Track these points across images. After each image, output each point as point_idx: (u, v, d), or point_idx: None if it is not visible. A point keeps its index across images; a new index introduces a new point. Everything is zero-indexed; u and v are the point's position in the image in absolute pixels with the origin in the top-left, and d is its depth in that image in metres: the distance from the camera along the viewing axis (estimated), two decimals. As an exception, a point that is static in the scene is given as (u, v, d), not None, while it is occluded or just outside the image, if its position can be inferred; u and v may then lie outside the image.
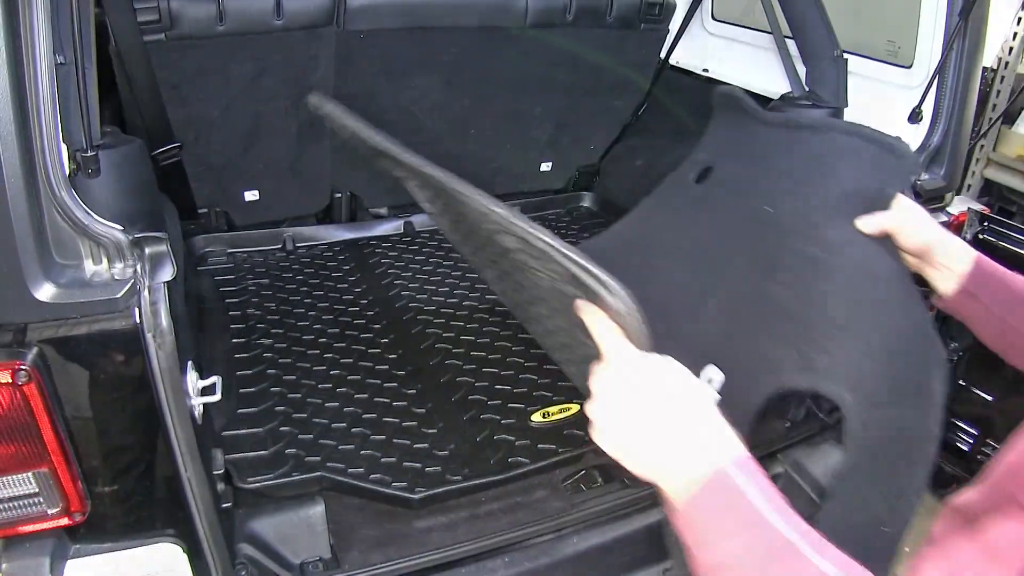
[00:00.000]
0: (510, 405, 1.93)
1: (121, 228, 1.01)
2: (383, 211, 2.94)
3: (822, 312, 1.35)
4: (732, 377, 1.42)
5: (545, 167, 3.06)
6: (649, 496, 1.81)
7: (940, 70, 1.98)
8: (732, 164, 1.75)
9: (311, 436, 1.76)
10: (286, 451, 1.71)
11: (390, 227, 2.90)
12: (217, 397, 1.29)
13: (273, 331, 2.15)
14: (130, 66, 1.94)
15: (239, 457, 1.66)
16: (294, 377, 1.97)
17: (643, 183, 2.98)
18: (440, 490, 1.62)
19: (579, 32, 2.56)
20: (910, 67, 2.18)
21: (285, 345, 2.10)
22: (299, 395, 1.91)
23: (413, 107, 2.56)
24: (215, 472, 1.39)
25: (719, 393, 1.38)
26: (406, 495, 1.60)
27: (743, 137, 1.78)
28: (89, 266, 1.01)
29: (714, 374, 1.45)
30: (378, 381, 1.99)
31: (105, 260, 1.00)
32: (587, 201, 3.26)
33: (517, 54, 2.53)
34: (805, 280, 1.40)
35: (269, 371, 1.98)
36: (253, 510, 1.57)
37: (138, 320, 1.02)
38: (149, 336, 1.03)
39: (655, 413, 0.85)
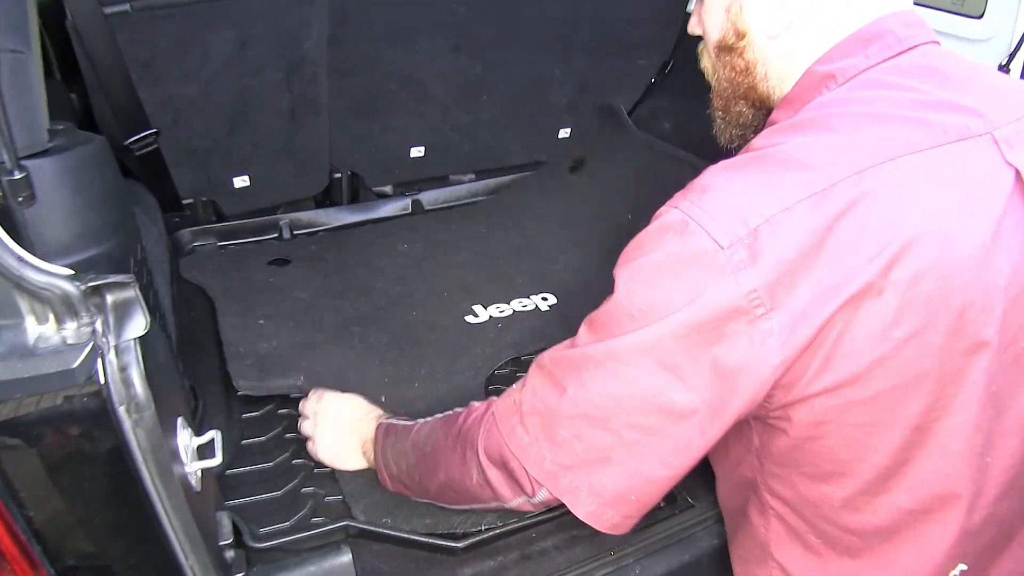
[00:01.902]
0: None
1: (69, 274, 0.74)
2: (388, 189, 2.66)
3: None
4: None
5: (564, 134, 2.78)
6: (716, 515, 1.59)
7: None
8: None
9: (330, 469, 1.51)
10: (302, 489, 1.47)
11: (396, 206, 2.63)
12: (217, 460, 1.03)
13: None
14: (91, 44, 1.66)
15: (248, 501, 1.42)
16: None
17: (673, 146, 2.72)
18: (488, 535, 1.38)
19: (600, -16, 2.27)
20: (981, 17, 1.92)
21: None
22: (311, 416, 1.66)
23: (418, 74, 2.28)
24: (223, 543, 1.14)
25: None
26: (448, 543, 1.35)
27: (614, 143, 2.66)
28: (31, 327, 0.74)
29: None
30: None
31: (52, 318, 0.74)
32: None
33: (533, 11, 2.25)
34: None
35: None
36: (269, 566, 1.32)
37: (105, 393, 0.77)
38: (122, 411, 0.78)
39: (337, 422, 1.48)
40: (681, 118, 2.69)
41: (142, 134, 1.90)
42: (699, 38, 1.19)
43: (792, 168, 0.89)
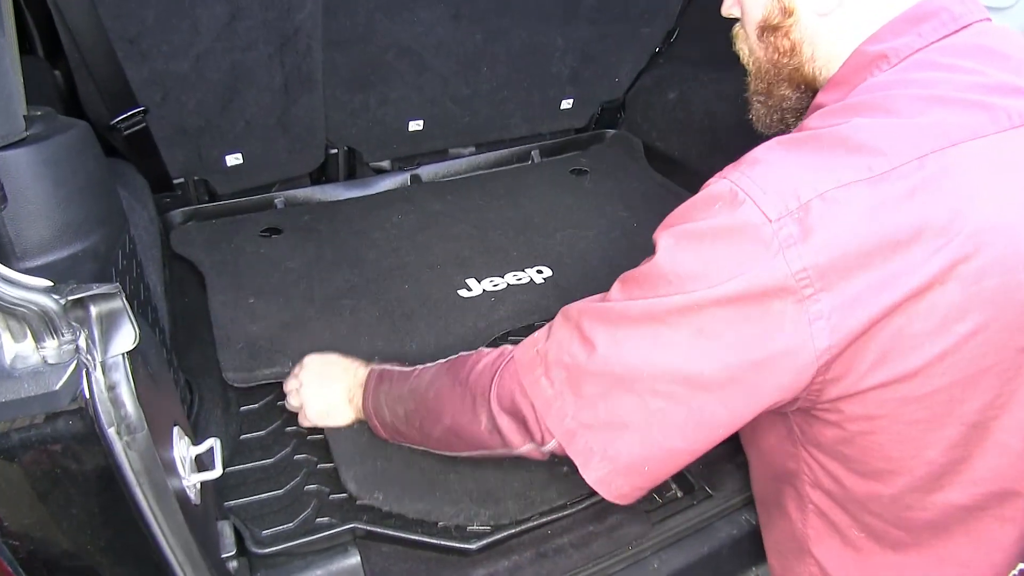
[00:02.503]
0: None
1: (47, 286, 0.67)
2: (385, 164, 2.58)
3: None
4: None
5: (566, 105, 2.70)
6: (737, 503, 1.53)
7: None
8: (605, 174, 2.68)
9: (333, 464, 1.44)
10: (305, 487, 1.40)
11: (395, 182, 2.54)
12: (217, 472, 0.97)
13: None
14: (73, 20, 1.56)
15: (249, 501, 1.35)
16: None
17: (678, 117, 2.63)
18: (503, 535, 1.32)
19: (606, -53, 2.17)
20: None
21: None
22: (313, 407, 1.59)
23: (416, 45, 2.19)
24: (225, 555, 1.07)
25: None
26: (461, 545, 1.30)
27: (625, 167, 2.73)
28: (7, 346, 0.66)
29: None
30: None
31: (30, 336, 0.67)
32: (611, 140, 2.90)
33: (536, -25, 2.15)
34: None
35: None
36: (274, 571, 1.27)
37: (92, 415, 0.70)
38: (111, 433, 0.71)
39: (321, 376, 1.45)
40: (686, 88, 2.60)
41: (129, 112, 1.81)
42: (704, 4, 1.13)
43: (851, 149, 0.84)
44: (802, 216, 0.81)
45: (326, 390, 1.44)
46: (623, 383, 0.92)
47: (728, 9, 1.11)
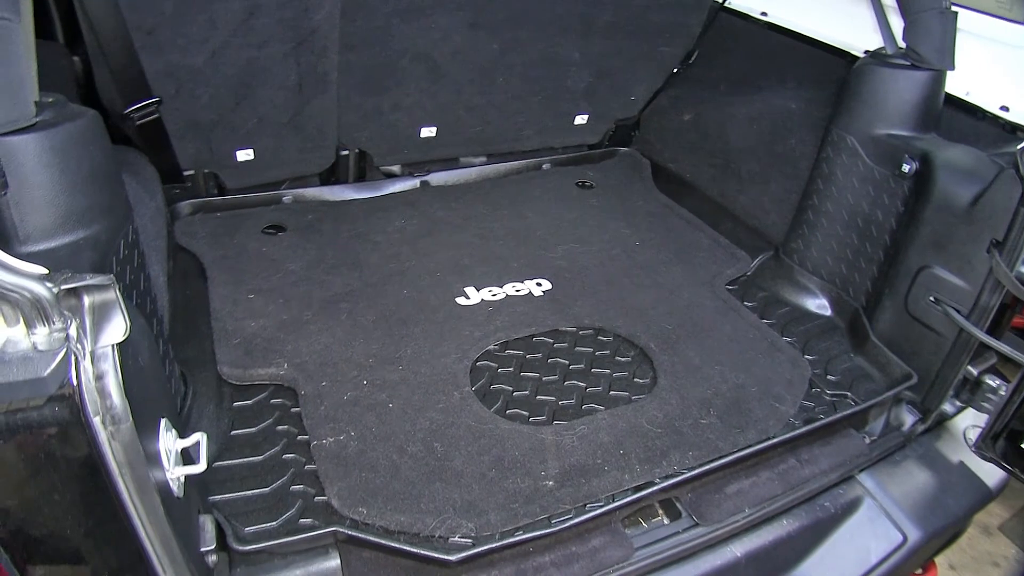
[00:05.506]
0: (557, 422, 1.62)
1: (42, 274, 0.67)
2: (396, 169, 2.59)
3: None
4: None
5: (580, 120, 2.70)
6: (724, 534, 1.52)
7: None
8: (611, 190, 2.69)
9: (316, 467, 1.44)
10: (291, 487, 1.40)
11: (404, 186, 2.54)
12: (202, 466, 0.97)
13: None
14: (93, 9, 1.57)
15: (235, 497, 1.35)
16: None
17: (691, 139, 2.64)
18: (484, 548, 1.31)
19: (626, -35, 2.18)
20: (1025, 23, 1.84)
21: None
22: (305, 408, 1.59)
23: (432, 52, 2.20)
24: (205, 549, 1.07)
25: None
26: (441, 555, 1.29)
27: (632, 185, 2.73)
28: (-1, 330, 0.68)
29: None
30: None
31: (21, 322, 0.67)
32: (624, 158, 2.90)
33: (555, -11, 2.16)
34: None
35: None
36: (253, 568, 1.26)
37: (78, 403, 0.70)
38: (96, 422, 0.71)
39: None
40: (702, 110, 2.60)
41: (143, 102, 1.82)
42: (724, 27, 1.06)
43: None
44: None
45: None
46: None
47: None
